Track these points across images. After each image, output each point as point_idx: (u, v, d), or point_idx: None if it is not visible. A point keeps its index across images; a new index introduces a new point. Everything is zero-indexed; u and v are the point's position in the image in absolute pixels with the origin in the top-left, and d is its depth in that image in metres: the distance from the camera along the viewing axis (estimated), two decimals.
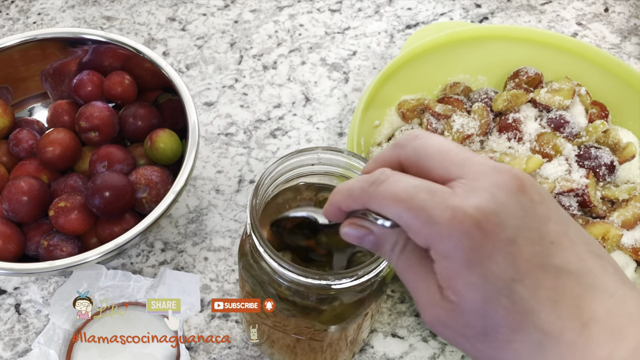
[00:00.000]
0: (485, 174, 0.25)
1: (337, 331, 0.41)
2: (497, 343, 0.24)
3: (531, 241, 0.24)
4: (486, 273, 0.23)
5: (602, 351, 0.23)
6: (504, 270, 0.23)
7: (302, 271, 0.35)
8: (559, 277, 0.24)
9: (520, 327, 0.24)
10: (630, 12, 0.79)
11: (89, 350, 0.50)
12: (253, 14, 0.76)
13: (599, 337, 0.23)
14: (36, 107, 0.62)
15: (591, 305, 0.24)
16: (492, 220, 0.23)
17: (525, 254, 0.24)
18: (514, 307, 0.23)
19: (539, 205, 0.24)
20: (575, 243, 0.25)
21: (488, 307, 0.24)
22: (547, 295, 0.24)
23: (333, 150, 0.40)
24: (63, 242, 0.51)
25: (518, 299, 0.23)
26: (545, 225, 0.24)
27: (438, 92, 0.65)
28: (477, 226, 0.23)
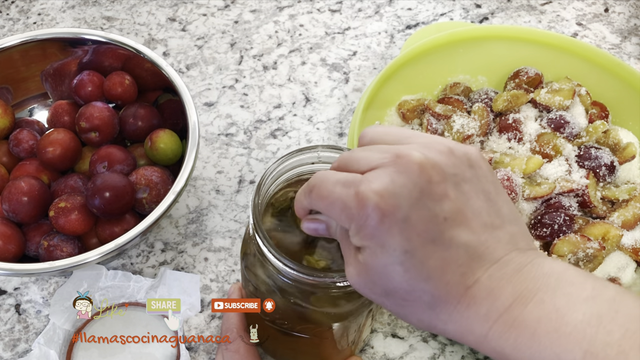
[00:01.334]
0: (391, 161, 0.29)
1: (340, 330, 0.41)
2: (397, 301, 0.29)
3: (423, 219, 0.28)
4: (384, 244, 0.28)
5: (482, 309, 0.27)
6: (399, 243, 0.28)
7: (306, 270, 0.35)
8: (447, 249, 0.28)
9: (412, 289, 0.28)
10: (631, 12, 0.79)
11: (89, 351, 0.50)
12: (253, 14, 0.76)
13: (479, 297, 0.27)
14: (36, 108, 0.62)
15: (475, 273, 0.28)
16: (389, 202, 0.28)
17: (418, 229, 0.28)
18: (407, 274, 0.28)
19: (436, 185, 0.28)
20: (470, 218, 0.28)
21: (386, 271, 0.28)
22: (435, 265, 0.28)
23: (333, 149, 0.40)
24: (63, 242, 0.51)
25: (410, 268, 0.28)
26: (440, 204, 0.28)
27: (438, 92, 0.65)
28: (377, 207, 0.28)
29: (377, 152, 0.30)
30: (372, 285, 0.30)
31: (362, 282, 0.30)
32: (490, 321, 0.27)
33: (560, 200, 0.54)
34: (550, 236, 0.52)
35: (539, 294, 0.27)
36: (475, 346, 0.28)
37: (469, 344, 0.29)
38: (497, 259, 0.28)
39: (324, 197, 0.30)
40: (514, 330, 0.27)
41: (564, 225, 0.52)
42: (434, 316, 0.29)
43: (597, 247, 0.51)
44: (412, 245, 0.28)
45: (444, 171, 0.29)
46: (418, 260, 0.28)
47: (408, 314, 0.30)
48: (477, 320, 0.27)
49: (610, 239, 0.52)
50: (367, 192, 0.28)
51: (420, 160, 0.28)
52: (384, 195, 0.28)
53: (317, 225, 0.33)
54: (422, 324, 0.29)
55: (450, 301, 0.28)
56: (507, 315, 0.27)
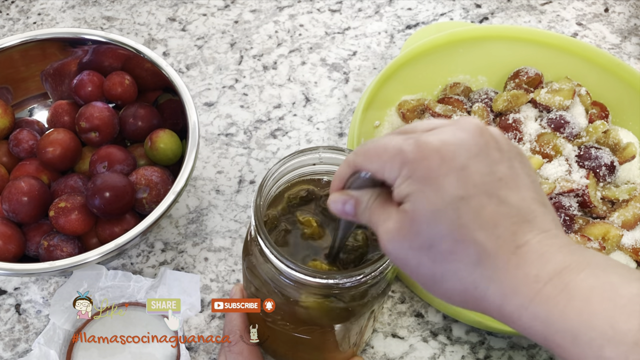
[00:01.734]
0: (453, 123, 0.29)
1: (341, 331, 0.41)
2: (440, 255, 0.28)
3: (481, 172, 0.28)
4: (438, 188, 0.27)
5: (532, 270, 0.27)
6: (455, 188, 0.27)
7: (309, 271, 0.35)
8: (501, 205, 0.28)
9: (462, 239, 0.27)
10: (631, 12, 0.79)
11: (89, 351, 0.50)
12: (253, 14, 0.76)
13: (530, 259, 0.27)
14: (36, 108, 0.62)
15: (526, 234, 0.27)
16: (449, 149, 0.28)
17: (475, 179, 0.28)
18: (459, 221, 0.27)
19: (493, 150, 0.29)
20: (522, 188, 0.28)
21: (436, 216, 0.27)
22: (488, 217, 0.27)
23: (335, 150, 0.40)
24: (63, 242, 0.51)
25: (463, 214, 0.27)
26: (496, 165, 0.28)
27: (438, 92, 0.65)
28: (437, 152, 0.28)
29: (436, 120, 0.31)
30: (414, 236, 0.28)
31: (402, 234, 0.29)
32: (540, 283, 0.26)
33: (561, 200, 0.54)
34: None
35: (591, 268, 0.26)
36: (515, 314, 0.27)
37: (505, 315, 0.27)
38: (546, 229, 0.28)
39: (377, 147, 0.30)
40: (565, 295, 0.26)
41: (564, 226, 0.52)
42: (478, 273, 0.27)
43: (597, 247, 0.51)
44: (468, 193, 0.27)
45: (500, 144, 0.29)
46: (473, 207, 0.27)
47: (448, 272, 0.28)
48: (525, 281, 0.26)
49: (611, 239, 0.52)
50: (427, 138, 0.28)
51: (481, 125, 0.29)
52: (445, 142, 0.28)
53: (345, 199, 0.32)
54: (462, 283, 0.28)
55: (500, 256, 0.27)
56: (559, 279, 0.26)
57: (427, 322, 0.54)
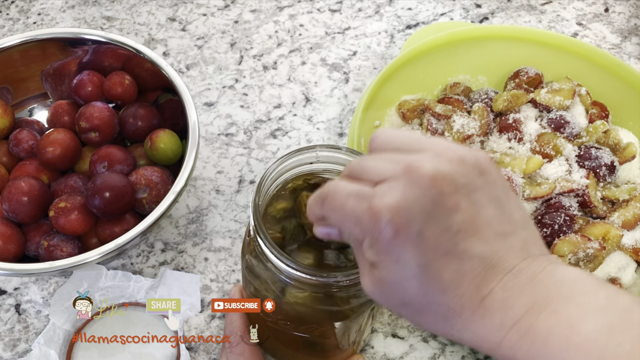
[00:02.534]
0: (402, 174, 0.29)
1: (342, 329, 0.41)
2: (413, 311, 0.30)
3: (437, 232, 0.28)
4: (399, 259, 0.28)
5: (496, 319, 0.28)
6: (413, 258, 0.28)
7: (309, 270, 0.35)
8: (461, 261, 0.28)
9: (427, 302, 0.29)
10: (631, 12, 0.79)
11: (89, 351, 0.50)
12: (253, 14, 0.76)
13: (493, 308, 0.28)
14: (36, 108, 0.62)
15: (489, 283, 0.28)
16: (402, 216, 0.28)
17: (431, 243, 0.28)
18: (422, 288, 0.28)
19: (448, 197, 0.28)
20: (482, 228, 0.29)
21: (403, 284, 0.29)
22: (450, 278, 0.28)
23: (331, 148, 0.40)
24: (63, 242, 0.51)
25: (425, 281, 0.28)
26: (452, 216, 0.28)
27: (438, 92, 0.65)
28: (390, 223, 0.28)
29: (388, 162, 0.30)
30: (388, 297, 0.30)
31: (378, 293, 0.31)
32: (504, 330, 0.28)
33: (561, 200, 0.54)
34: (551, 236, 0.52)
35: (552, 304, 0.27)
36: (490, 353, 0.29)
37: (483, 351, 0.29)
38: (510, 268, 0.28)
39: (337, 209, 0.31)
40: (526, 339, 0.27)
41: (564, 226, 0.52)
42: (450, 326, 0.29)
43: (597, 247, 0.51)
44: (426, 259, 0.28)
45: (456, 182, 0.29)
46: (433, 273, 0.28)
47: (424, 323, 0.30)
48: (491, 329, 0.28)
49: (611, 239, 0.52)
50: (380, 206, 0.28)
51: (431, 172, 0.28)
52: (397, 211, 0.28)
53: (330, 231, 0.33)
54: (439, 332, 0.30)
55: (465, 312, 0.28)
56: (520, 324, 0.27)
57: None
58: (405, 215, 0.28)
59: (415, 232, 0.28)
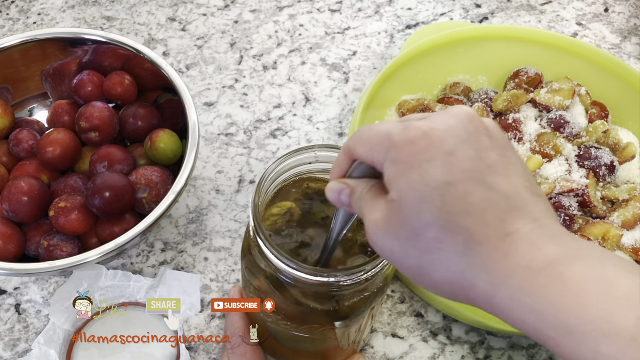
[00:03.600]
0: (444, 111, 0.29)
1: (341, 329, 0.41)
2: (426, 244, 0.27)
3: (469, 158, 0.27)
4: (424, 174, 0.27)
5: (522, 259, 0.25)
6: (440, 174, 0.26)
7: (310, 270, 0.35)
8: (489, 191, 0.26)
9: (449, 226, 0.26)
10: (631, 12, 0.79)
11: (89, 350, 0.50)
12: (253, 14, 0.76)
13: (520, 248, 0.26)
14: (36, 108, 0.62)
15: (516, 222, 0.26)
16: (437, 134, 0.27)
17: (462, 165, 0.27)
18: (445, 207, 0.26)
19: (484, 137, 0.28)
20: (512, 175, 0.28)
21: (423, 204, 0.27)
22: (476, 203, 0.26)
23: (330, 148, 0.40)
24: (63, 242, 0.51)
25: (449, 200, 0.26)
26: (486, 152, 0.27)
27: (438, 92, 0.65)
28: (424, 136, 0.27)
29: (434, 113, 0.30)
30: (400, 226, 0.27)
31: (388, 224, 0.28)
32: (531, 273, 0.25)
33: (561, 200, 0.54)
34: None
35: (585, 259, 0.25)
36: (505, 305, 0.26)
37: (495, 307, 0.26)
38: (537, 218, 0.27)
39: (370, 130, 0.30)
40: (558, 286, 0.24)
41: (564, 225, 0.52)
42: (466, 262, 0.26)
43: None
44: (454, 178, 0.26)
45: (491, 132, 0.29)
46: (460, 193, 0.26)
47: (436, 262, 0.27)
48: (516, 270, 0.25)
49: (611, 239, 0.52)
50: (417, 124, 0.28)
51: (471, 112, 0.28)
52: (433, 128, 0.27)
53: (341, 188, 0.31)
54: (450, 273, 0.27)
55: (488, 244, 0.26)
56: (551, 269, 0.25)
57: (427, 322, 0.54)
58: (441, 135, 0.27)
59: (447, 150, 0.27)
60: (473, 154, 0.27)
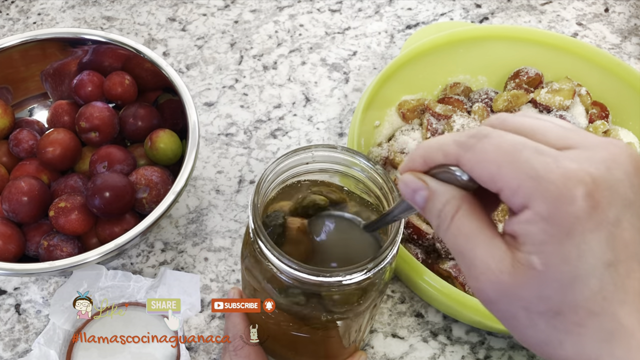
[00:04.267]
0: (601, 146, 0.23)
1: (343, 327, 0.41)
2: (565, 325, 0.23)
3: (634, 227, 0.23)
4: (584, 247, 0.22)
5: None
6: (603, 251, 0.22)
7: (311, 270, 0.35)
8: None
9: (598, 312, 0.22)
10: (631, 12, 0.79)
11: (89, 351, 0.50)
12: (253, 14, 0.76)
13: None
14: (36, 108, 0.62)
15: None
16: (604, 194, 0.22)
17: (626, 239, 0.22)
18: (600, 292, 0.22)
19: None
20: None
21: (575, 283, 0.22)
22: (634, 287, 0.22)
23: (327, 147, 0.40)
24: (63, 242, 0.51)
25: (606, 284, 0.22)
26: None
27: (438, 92, 0.65)
28: (589, 195, 0.22)
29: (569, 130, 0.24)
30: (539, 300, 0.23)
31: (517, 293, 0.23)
32: None
33: None
34: None
35: None
36: None
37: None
38: None
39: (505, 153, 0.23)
40: None
41: None
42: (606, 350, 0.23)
43: None
44: (616, 258, 0.22)
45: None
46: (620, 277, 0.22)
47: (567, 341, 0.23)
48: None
49: None
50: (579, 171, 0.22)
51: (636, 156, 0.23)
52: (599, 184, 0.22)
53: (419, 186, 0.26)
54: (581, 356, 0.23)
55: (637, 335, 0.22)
56: None
57: (427, 322, 0.54)
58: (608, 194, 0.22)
59: (613, 218, 0.22)
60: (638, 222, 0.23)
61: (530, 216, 0.23)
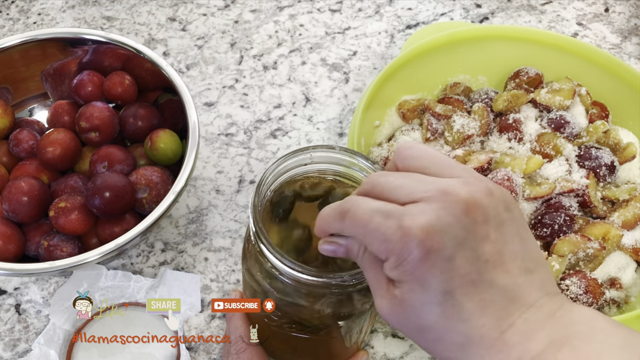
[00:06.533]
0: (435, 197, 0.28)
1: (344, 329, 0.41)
2: (429, 338, 0.29)
3: (467, 260, 0.28)
4: (425, 283, 0.28)
5: (514, 352, 0.27)
6: (440, 283, 0.28)
7: (314, 272, 0.35)
8: (486, 291, 0.28)
9: (447, 330, 0.28)
10: (631, 12, 0.79)
11: (89, 351, 0.50)
12: (253, 14, 0.76)
13: (513, 342, 0.27)
14: (36, 108, 0.62)
15: (511, 316, 0.28)
16: (435, 239, 0.27)
17: (461, 270, 0.28)
18: (444, 315, 0.28)
19: (480, 226, 0.28)
20: (508, 261, 0.29)
21: (423, 310, 0.28)
22: (473, 307, 0.28)
23: (325, 148, 0.40)
24: (63, 242, 0.51)
25: (448, 309, 0.28)
26: (482, 245, 0.28)
27: (438, 92, 0.65)
28: (421, 244, 0.27)
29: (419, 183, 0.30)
30: (406, 320, 0.29)
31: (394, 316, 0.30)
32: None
33: (561, 200, 0.54)
34: (551, 236, 0.52)
35: (572, 340, 0.27)
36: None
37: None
38: (531, 303, 0.28)
39: (360, 225, 0.30)
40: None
41: (564, 225, 0.52)
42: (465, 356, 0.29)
43: (597, 247, 0.51)
44: (452, 286, 0.28)
45: (487, 212, 0.29)
46: (457, 301, 0.28)
47: (438, 352, 0.30)
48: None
49: (611, 239, 0.52)
50: (412, 226, 0.28)
51: (466, 199, 0.28)
52: (430, 232, 0.27)
53: (336, 248, 0.33)
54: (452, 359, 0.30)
55: (484, 343, 0.28)
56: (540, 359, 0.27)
57: None
58: (439, 239, 0.27)
59: (446, 257, 0.27)
60: (471, 255, 0.28)
61: (389, 265, 0.29)
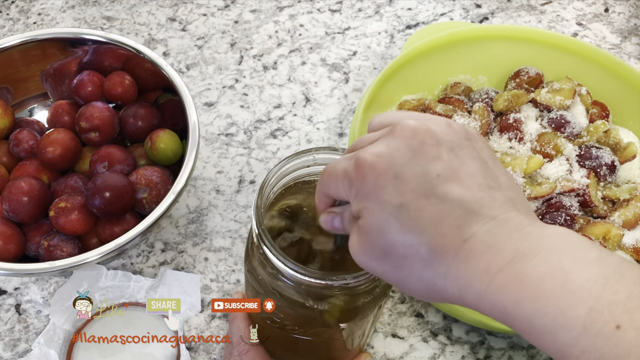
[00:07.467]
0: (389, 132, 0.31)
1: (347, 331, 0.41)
2: (395, 260, 0.29)
3: (416, 175, 0.29)
4: (379, 200, 0.29)
5: (481, 262, 0.27)
6: (393, 198, 0.29)
7: (317, 274, 0.35)
8: (440, 203, 0.28)
9: (408, 244, 0.28)
10: (631, 12, 0.79)
11: (89, 351, 0.50)
12: (253, 14, 0.76)
13: (478, 251, 0.27)
14: (36, 108, 0.62)
15: (472, 226, 0.28)
16: (383, 161, 0.29)
17: (410, 185, 0.28)
18: (402, 228, 0.28)
19: (429, 147, 0.29)
20: (464, 177, 0.29)
21: (383, 228, 0.29)
22: (429, 218, 0.28)
23: (328, 150, 0.40)
24: (63, 242, 0.51)
25: (405, 220, 0.28)
26: (432, 163, 0.29)
27: (439, 92, 0.65)
28: (371, 167, 0.29)
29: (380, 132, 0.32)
30: (371, 248, 0.30)
31: (362, 247, 0.30)
32: (490, 274, 0.27)
33: (561, 199, 0.54)
34: None
35: (543, 253, 0.26)
36: (475, 305, 0.28)
37: (469, 305, 0.28)
38: (494, 216, 0.28)
39: (331, 174, 0.32)
40: (516, 284, 0.26)
41: (565, 225, 0.52)
42: (432, 271, 0.28)
43: None
44: (405, 199, 0.28)
45: (438, 137, 0.30)
46: (412, 212, 0.28)
47: (408, 275, 0.29)
48: (476, 274, 0.27)
49: (611, 239, 0.52)
50: (364, 156, 0.30)
51: (414, 125, 0.30)
52: (379, 156, 0.29)
53: (332, 217, 0.34)
54: (423, 283, 0.29)
55: (448, 253, 0.28)
56: (509, 269, 0.26)
57: (427, 322, 0.54)
58: (387, 161, 0.29)
59: (394, 174, 0.29)
60: (419, 170, 0.29)
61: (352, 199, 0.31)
